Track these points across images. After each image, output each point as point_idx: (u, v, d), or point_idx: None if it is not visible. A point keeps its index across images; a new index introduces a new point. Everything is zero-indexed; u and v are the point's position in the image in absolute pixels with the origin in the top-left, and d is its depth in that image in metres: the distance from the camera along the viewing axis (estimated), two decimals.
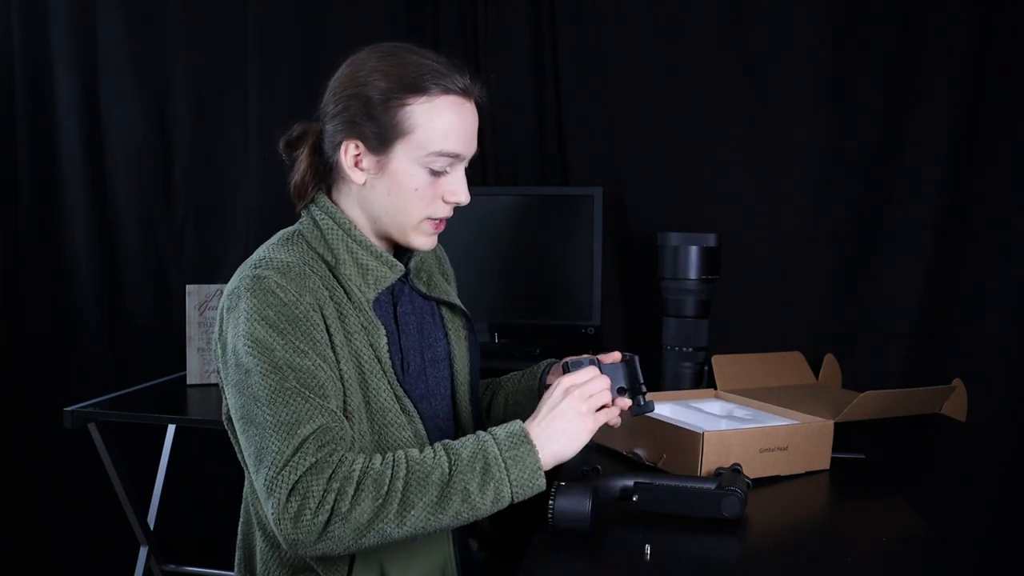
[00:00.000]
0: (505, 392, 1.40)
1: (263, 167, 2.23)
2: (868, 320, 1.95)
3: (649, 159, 2.05)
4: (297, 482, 0.96)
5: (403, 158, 1.11)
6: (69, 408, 1.78)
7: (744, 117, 1.99)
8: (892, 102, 1.91)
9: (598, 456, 1.43)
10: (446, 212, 1.17)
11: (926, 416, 1.74)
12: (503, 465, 1.00)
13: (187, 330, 2.01)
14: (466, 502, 0.99)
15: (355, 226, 1.16)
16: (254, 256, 1.13)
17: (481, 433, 1.05)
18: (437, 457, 1.01)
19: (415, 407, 1.15)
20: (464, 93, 1.13)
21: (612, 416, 1.13)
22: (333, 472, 0.97)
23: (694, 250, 1.80)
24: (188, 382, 2.01)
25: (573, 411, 1.06)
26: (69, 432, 1.81)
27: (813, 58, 1.93)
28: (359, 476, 0.97)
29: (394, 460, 1.00)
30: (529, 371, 1.38)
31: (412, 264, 1.24)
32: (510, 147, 2.14)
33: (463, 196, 1.16)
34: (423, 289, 1.26)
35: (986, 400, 1.80)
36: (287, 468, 0.96)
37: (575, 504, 1.08)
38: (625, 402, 1.17)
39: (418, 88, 1.09)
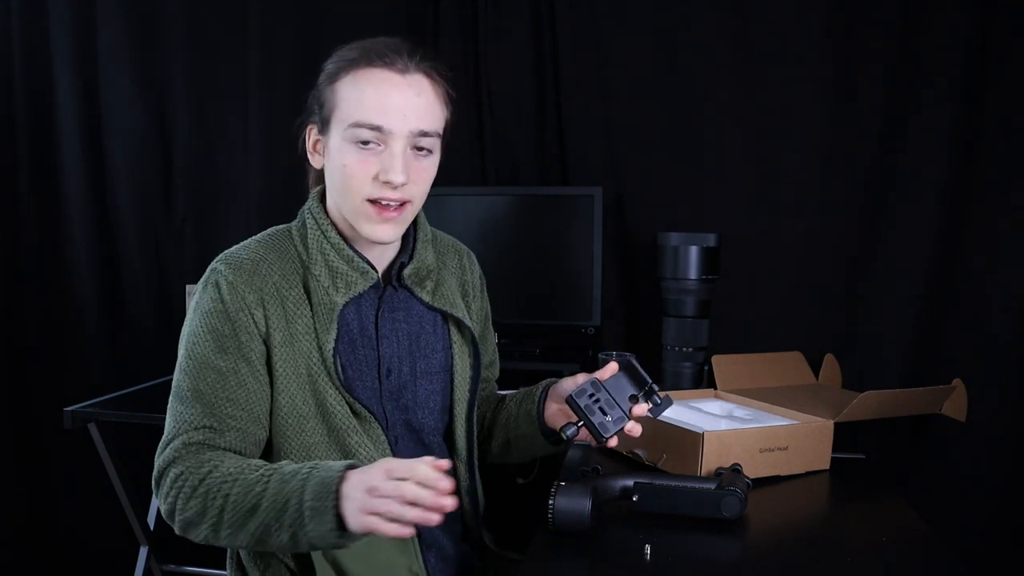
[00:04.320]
0: (507, 414, 1.35)
1: (263, 167, 2.23)
2: (868, 320, 1.95)
3: (649, 159, 2.05)
4: (163, 470, 1.07)
5: (335, 134, 1.13)
6: (69, 408, 1.78)
7: (744, 117, 1.99)
8: (892, 102, 1.91)
9: (598, 456, 1.43)
10: (384, 192, 1.11)
11: (926, 416, 1.75)
12: (297, 514, 0.96)
13: None
14: (269, 537, 1.00)
15: (333, 227, 1.18)
16: (230, 248, 1.19)
17: (305, 468, 0.99)
18: (257, 484, 1.01)
19: (370, 412, 1.14)
20: (396, 69, 1.10)
21: (385, 530, 0.91)
22: (183, 471, 1.05)
23: (694, 250, 1.80)
24: None
25: (355, 498, 0.93)
26: (69, 432, 1.81)
27: (813, 58, 1.93)
28: (197, 482, 1.04)
29: (230, 475, 1.03)
30: (527, 393, 1.33)
31: (409, 271, 1.22)
32: (510, 147, 2.14)
33: (393, 174, 1.09)
34: (426, 298, 1.23)
35: (986, 400, 1.80)
36: (161, 455, 1.09)
37: (575, 504, 1.08)
38: (642, 407, 1.15)
39: (347, 65, 1.12)
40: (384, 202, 1.12)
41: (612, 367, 1.16)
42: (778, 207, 1.98)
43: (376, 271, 1.19)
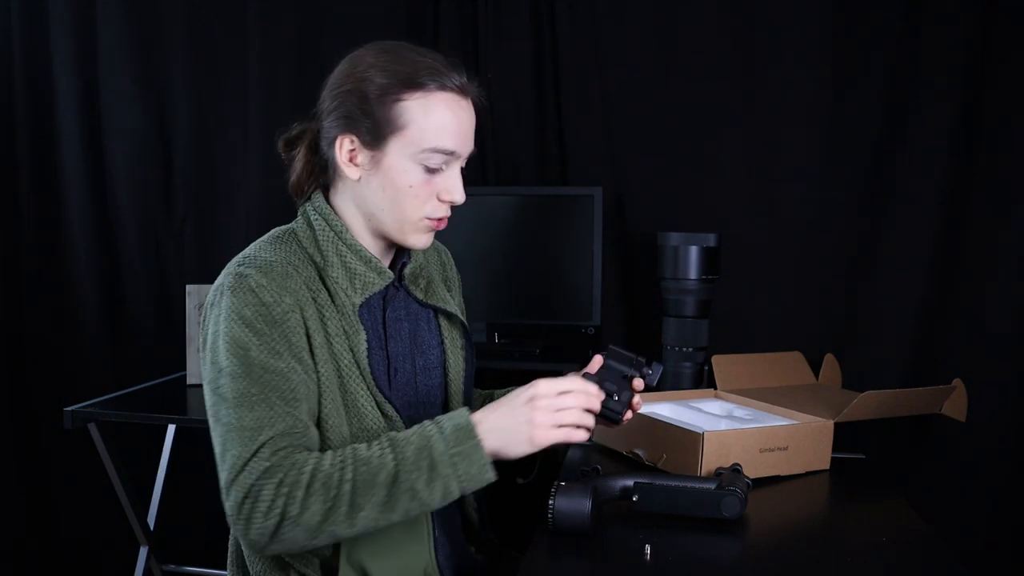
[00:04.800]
0: None
1: (263, 167, 2.23)
2: (868, 320, 1.95)
3: (649, 159, 2.05)
4: (251, 486, 0.98)
5: (397, 154, 1.11)
6: (69, 408, 1.78)
7: (744, 117, 1.99)
8: (892, 102, 1.91)
9: (598, 456, 1.43)
10: (443, 211, 1.16)
11: (926, 416, 1.74)
12: (449, 462, 1.00)
13: (187, 330, 2.01)
14: (415, 499, 1.00)
15: (347, 228, 1.16)
16: (242, 253, 1.14)
17: (428, 425, 1.04)
18: (383, 456, 1.01)
19: (398, 413, 1.14)
20: (460, 91, 1.13)
21: (578, 438, 1.06)
22: (284, 477, 0.99)
23: (694, 250, 1.80)
24: (188, 382, 2.01)
25: (526, 421, 1.03)
26: (69, 432, 1.81)
27: (813, 58, 1.93)
28: (308, 479, 0.99)
29: (342, 461, 1.01)
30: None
31: (408, 270, 1.23)
32: (510, 147, 2.14)
33: (458, 195, 1.15)
34: (420, 296, 1.25)
35: (986, 400, 1.80)
36: (243, 472, 0.99)
37: (575, 504, 1.08)
38: (639, 382, 1.16)
39: (413, 84, 1.09)
40: (437, 218, 1.16)
41: (597, 359, 1.18)
42: (778, 207, 1.98)
43: (390, 271, 1.19)
